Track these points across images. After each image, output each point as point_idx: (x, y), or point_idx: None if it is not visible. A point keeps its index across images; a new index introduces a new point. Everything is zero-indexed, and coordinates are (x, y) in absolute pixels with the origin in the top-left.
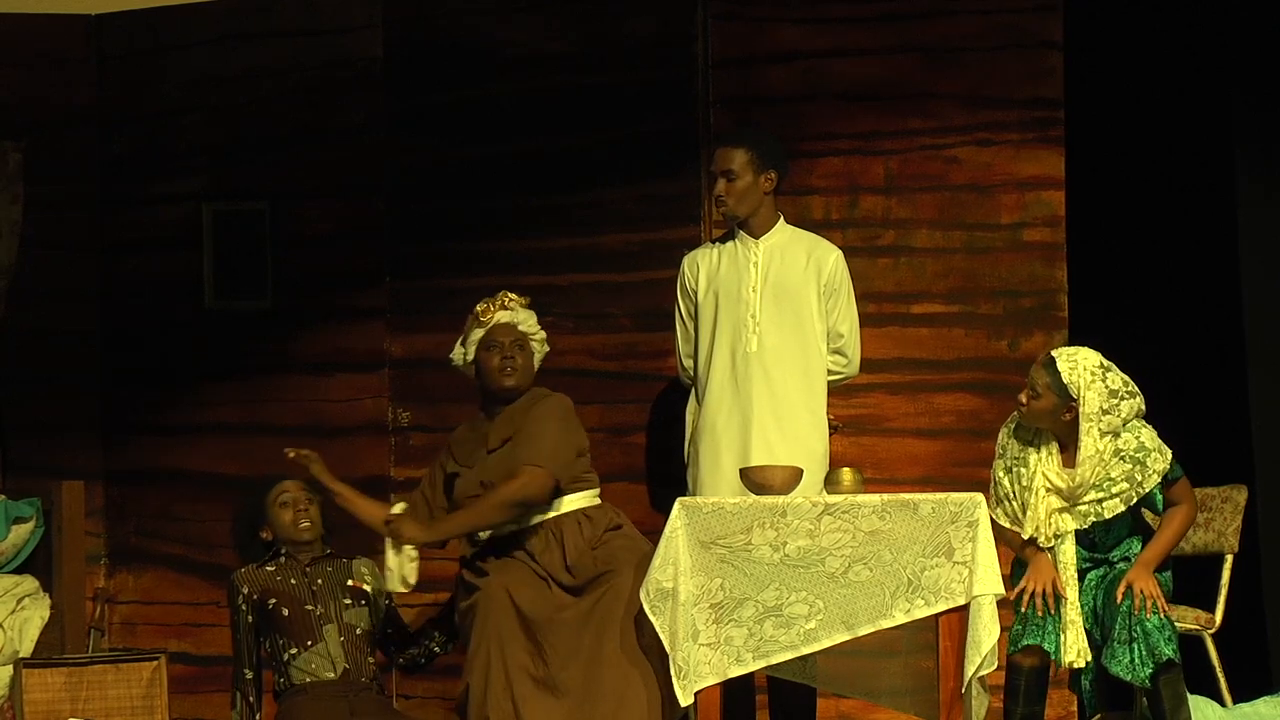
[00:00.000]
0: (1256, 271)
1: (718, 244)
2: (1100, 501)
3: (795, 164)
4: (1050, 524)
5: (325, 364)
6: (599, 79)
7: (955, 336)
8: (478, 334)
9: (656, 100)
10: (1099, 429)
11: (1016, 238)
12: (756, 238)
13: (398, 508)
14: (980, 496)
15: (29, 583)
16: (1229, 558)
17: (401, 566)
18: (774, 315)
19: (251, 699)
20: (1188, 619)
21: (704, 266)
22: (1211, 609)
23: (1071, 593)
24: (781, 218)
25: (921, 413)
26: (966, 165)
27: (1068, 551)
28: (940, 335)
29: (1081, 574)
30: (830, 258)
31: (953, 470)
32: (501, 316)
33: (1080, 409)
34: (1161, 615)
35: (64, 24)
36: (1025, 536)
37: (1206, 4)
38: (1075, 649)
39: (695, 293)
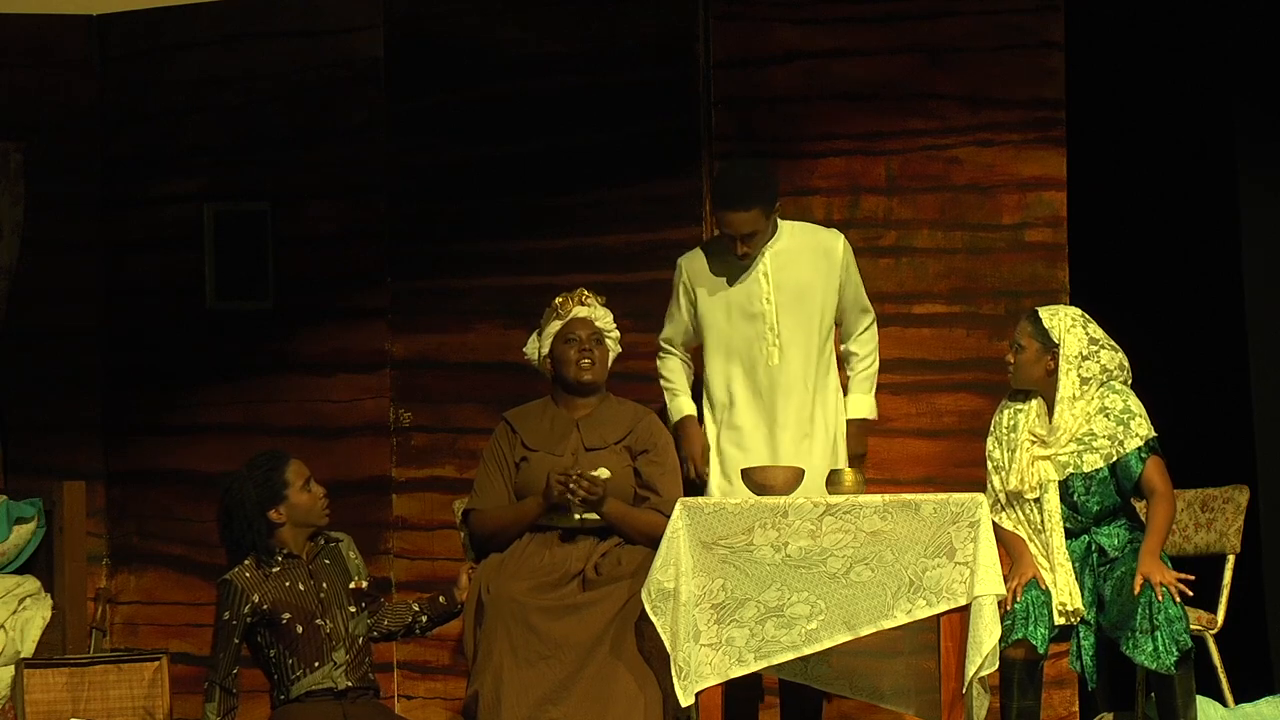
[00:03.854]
0: (1258, 271)
1: (716, 250)
2: (1080, 454)
3: (797, 164)
4: (1033, 472)
5: (326, 364)
6: (599, 79)
7: (957, 337)
8: (555, 326)
9: (657, 100)
10: (1078, 374)
11: (1018, 238)
12: (761, 247)
13: (603, 472)
14: (981, 497)
15: (30, 583)
16: (1231, 558)
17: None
18: (791, 323)
19: (234, 690)
20: (1190, 619)
21: (705, 276)
22: (1214, 609)
23: (1058, 538)
24: (778, 220)
25: (923, 413)
26: (968, 166)
27: (1052, 500)
28: (942, 336)
29: (1066, 535)
30: (837, 244)
31: (954, 470)
32: (579, 311)
33: (1060, 352)
34: (1180, 603)
35: (64, 24)
36: (1010, 489)
37: (1207, 4)
38: (1066, 591)
39: (695, 298)
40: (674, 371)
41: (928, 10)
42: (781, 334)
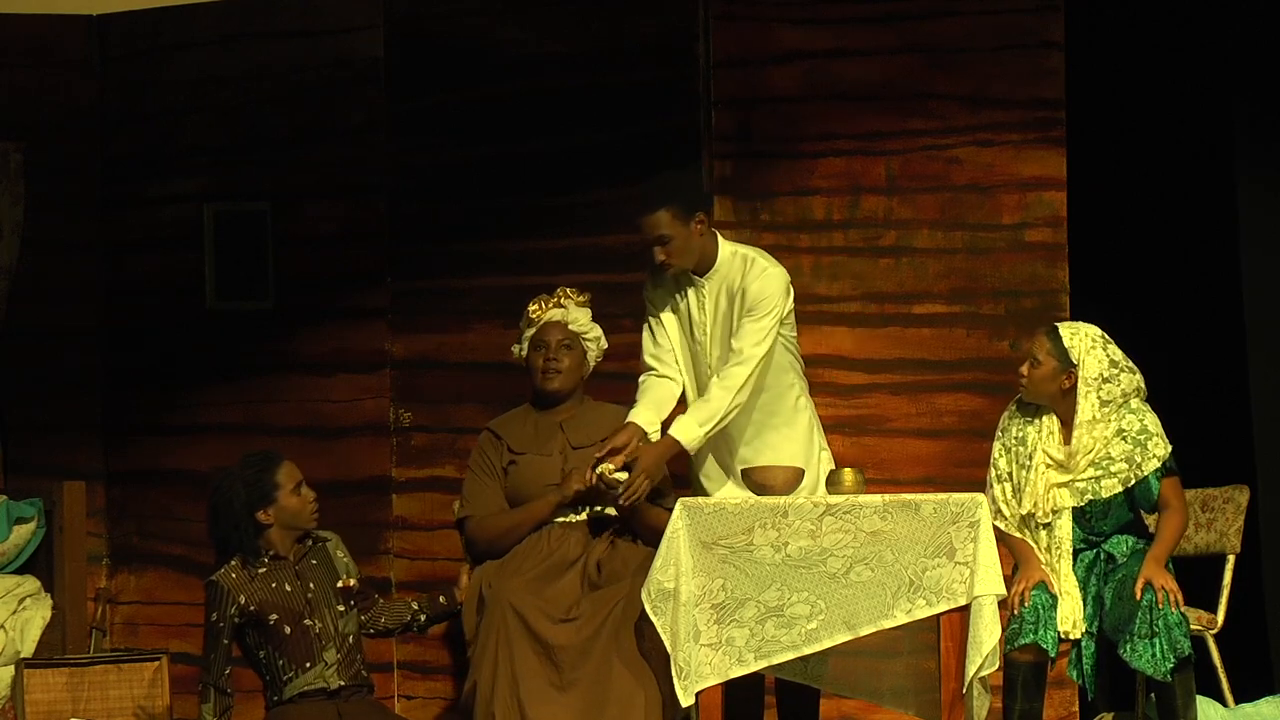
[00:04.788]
0: (1257, 271)
1: (672, 278)
2: (1098, 479)
3: (796, 164)
4: (1048, 499)
5: (326, 364)
6: (599, 79)
7: (957, 337)
8: (529, 333)
9: (657, 100)
10: (1098, 396)
11: (1018, 238)
12: (703, 275)
13: (622, 475)
14: (981, 497)
15: (30, 583)
16: (1231, 558)
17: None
18: (722, 354)
19: (229, 690)
20: (1190, 619)
21: (664, 295)
22: (1214, 609)
23: (1065, 565)
24: (720, 244)
25: (923, 413)
26: (968, 165)
27: (1064, 527)
28: (942, 335)
29: (1075, 553)
30: (759, 279)
31: (954, 470)
32: (553, 315)
33: (1079, 373)
34: (1180, 610)
35: (64, 24)
36: (1023, 512)
37: (1207, 4)
38: (1071, 620)
39: (659, 315)
40: (645, 389)
41: (928, 10)
42: (714, 365)
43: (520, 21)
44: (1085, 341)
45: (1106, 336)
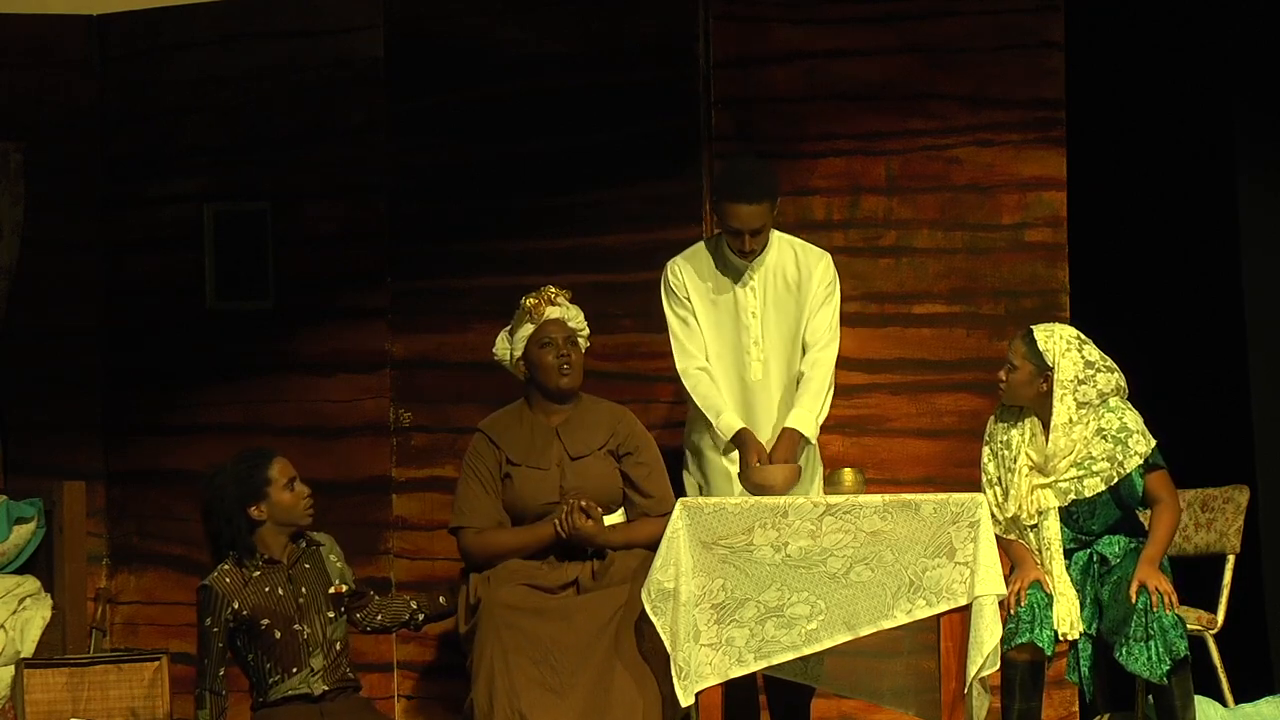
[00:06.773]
0: (1258, 271)
1: (705, 255)
2: (1080, 479)
3: (796, 164)
4: (1032, 500)
5: (326, 364)
6: (599, 79)
7: (957, 337)
8: (527, 330)
9: (657, 100)
10: (1074, 398)
11: (1018, 238)
12: (762, 249)
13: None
14: (981, 497)
15: (30, 583)
16: (1231, 558)
17: None
18: (775, 339)
19: (223, 691)
20: (1190, 619)
21: (695, 282)
22: (1213, 609)
23: (1058, 566)
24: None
25: (923, 413)
26: (968, 166)
27: (1051, 528)
28: (942, 336)
29: (1068, 553)
30: (819, 265)
31: (954, 470)
32: (551, 312)
33: (1054, 376)
34: (1175, 611)
35: (64, 24)
36: (1009, 515)
37: (1207, 4)
38: (1067, 620)
39: (689, 301)
40: (710, 388)
41: (928, 10)
42: (766, 349)
43: (520, 21)
44: (1060, 344)
45: (1083, 337)
